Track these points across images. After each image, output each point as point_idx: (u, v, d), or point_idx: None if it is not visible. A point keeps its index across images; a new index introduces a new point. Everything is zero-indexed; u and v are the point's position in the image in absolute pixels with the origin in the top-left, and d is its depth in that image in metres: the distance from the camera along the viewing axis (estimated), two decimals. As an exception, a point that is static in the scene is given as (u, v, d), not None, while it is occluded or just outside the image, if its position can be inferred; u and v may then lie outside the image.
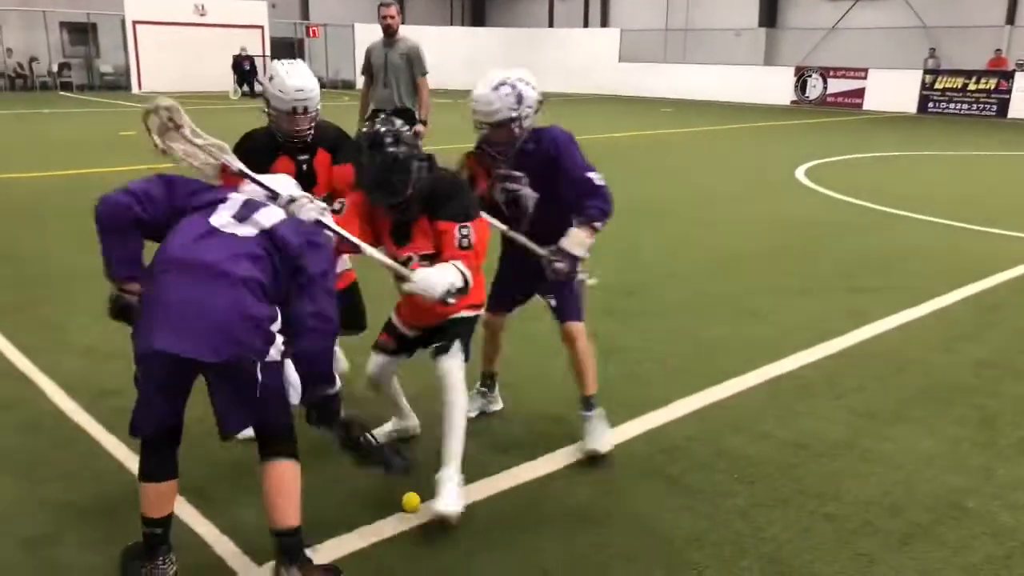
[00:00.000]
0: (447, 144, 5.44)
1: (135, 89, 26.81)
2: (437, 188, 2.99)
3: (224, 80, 25.89)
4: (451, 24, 36.69)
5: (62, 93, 26.19)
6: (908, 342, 4.87)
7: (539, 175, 3.28)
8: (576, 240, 3.20)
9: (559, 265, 3.20)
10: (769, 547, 2.78)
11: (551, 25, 35.34)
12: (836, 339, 4.84)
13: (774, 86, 27.81)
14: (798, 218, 8.60)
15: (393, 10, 6.98)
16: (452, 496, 2.88)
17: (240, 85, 25.67)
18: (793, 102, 27.55)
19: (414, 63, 6.96)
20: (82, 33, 28.06)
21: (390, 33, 7.00)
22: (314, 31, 32.04)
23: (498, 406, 3.87)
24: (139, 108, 3.06)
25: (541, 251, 3.27)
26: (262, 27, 28.83)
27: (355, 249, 2.94)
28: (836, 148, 15.11)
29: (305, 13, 33.06)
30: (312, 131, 3.54)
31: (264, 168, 3.08)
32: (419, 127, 6.68)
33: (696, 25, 31.44)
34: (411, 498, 2.93)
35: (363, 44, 32.29)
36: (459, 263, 2.85)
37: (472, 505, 2.98)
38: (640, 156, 13.76)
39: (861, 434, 3.64)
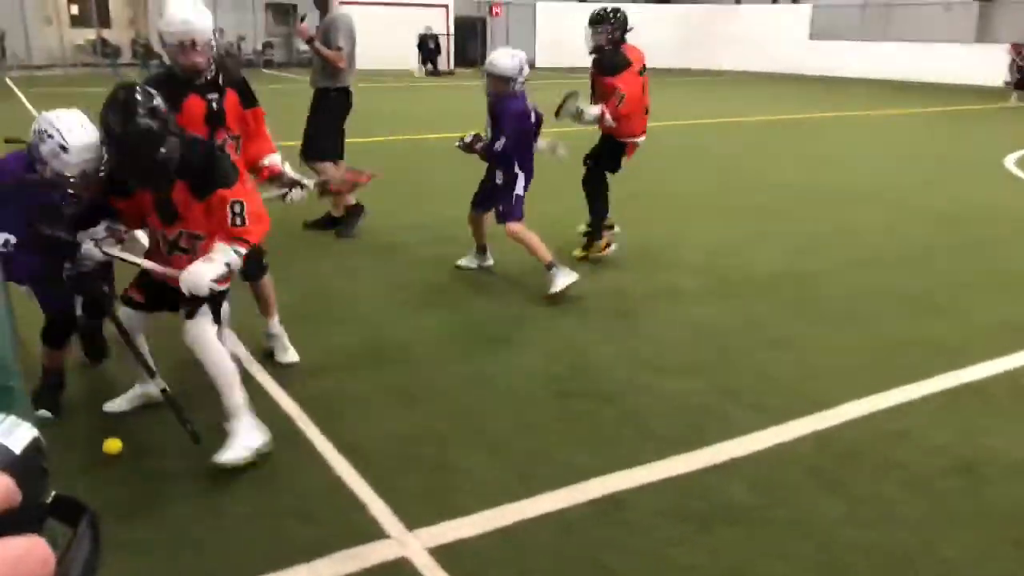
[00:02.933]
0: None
1: (326, 67, 28.31)
2: (192, 158, 2.93)
3: (408, 59, 26.84)
4: (630, 1, 36.11)
5: (264, 70, 28.08)
6: None
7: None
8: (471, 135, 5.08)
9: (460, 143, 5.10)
10: (942, 567, 2.56)
11: (737, 1, 34.01)
12: (1035, 347, 4.37)
13: (985, 66, 25.33)
14: (1004, 211, 7.81)
15: None
16: (235, 450, 2.98)
17: (424, 64, 26.53)
18: (1007, 83, 25.04)
19: (330, 39, 6.18)
20: (284, 14, 29.95)
21: (321, 7, 6.34)
22: (496, 10, 32.54)
23: (490, 261, 5.51)
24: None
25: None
26: (447, 6, 29.62)
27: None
28: (1054, 135, 13.60)
29: (489, -8, 33.62)
30: (212, 67, 3.66)
31: (175, 106, 3.25)
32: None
33: (899, -1, 29.20)
34: (112, 443, 3.08)
35: (544, 23, 32.41)
36: (224, 246, 2.88)
37: (619, 494, 2.94)
38: (824, 138, 13.00)
39: (1060, 455, 3.27)
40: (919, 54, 26.60)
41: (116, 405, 3.42)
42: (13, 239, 2.96)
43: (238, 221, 2.89)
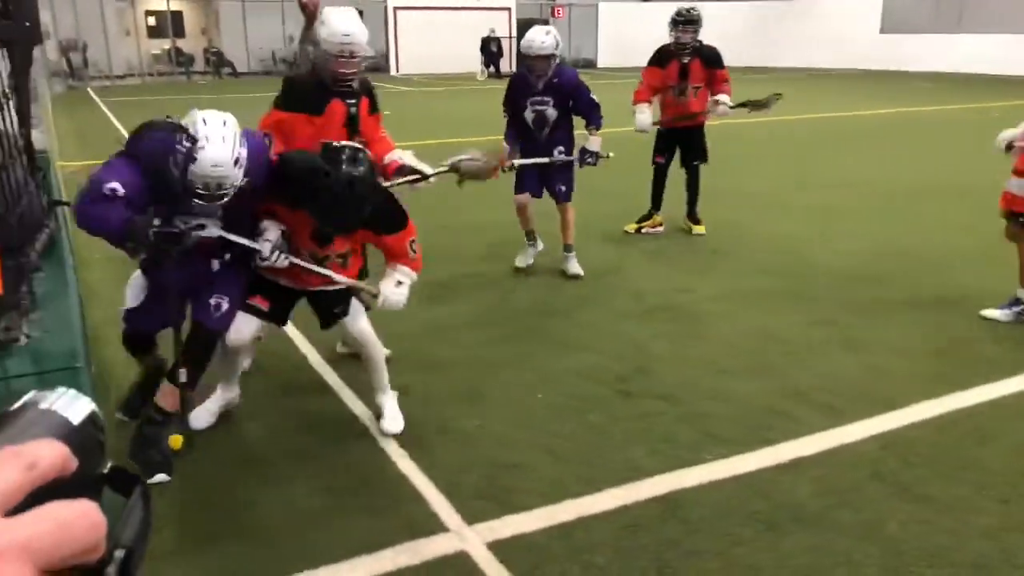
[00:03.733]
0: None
1: (392, 72, 28.70)
2: (376, 204, 3.13)
3: (471, 62, 27.01)
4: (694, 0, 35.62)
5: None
6: None
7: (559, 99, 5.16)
8: (597, 143, 5.22)
9: (590, 160, 5.24)
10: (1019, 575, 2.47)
11: (805, -4, 33.27)
12: None
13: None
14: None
15: None
16: (397, 419, 3.35)
17: (487, 66, 26.66)
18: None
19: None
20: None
21: (307, 15, 6.04)
22: (559, 11, 32.51)
23: (540, 246, 5.58)
24: (395, 89, 3.29)
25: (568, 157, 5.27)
26: (509, 9, 29.72)
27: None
28: None
29: (551, -7, 33.61)
30: (358, 77, 3.79)
31: (319, 108, 3.44)
32: None
33: (976, -12, 28.15)
34: (175, 438, 3.14)
35: (607, 23, 32.04)
36: (408, 270, 3.35)
37: (682, 492, 2.92)
38: (896, 134, 12.62)
39: None
40: (996, 46, 25.62)
41: (201, 420, 3.37)
42: (122, 190, 2.74)
43: (412, 255, 3.36)
